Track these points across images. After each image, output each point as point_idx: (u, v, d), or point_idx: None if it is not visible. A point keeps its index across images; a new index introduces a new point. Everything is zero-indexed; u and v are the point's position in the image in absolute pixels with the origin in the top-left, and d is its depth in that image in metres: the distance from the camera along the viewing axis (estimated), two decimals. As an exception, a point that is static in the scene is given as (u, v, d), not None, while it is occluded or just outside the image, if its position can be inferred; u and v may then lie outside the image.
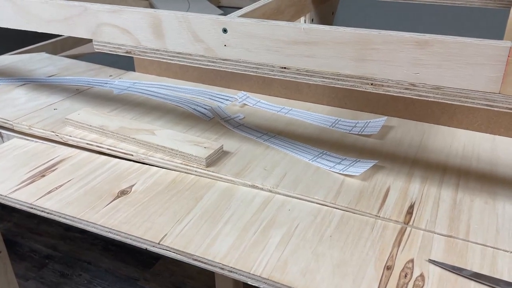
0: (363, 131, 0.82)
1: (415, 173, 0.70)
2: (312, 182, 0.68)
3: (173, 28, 0.66)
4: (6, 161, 0.78)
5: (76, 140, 0.81)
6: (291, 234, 0.59)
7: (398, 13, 1.67)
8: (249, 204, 0.65)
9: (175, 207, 0.65)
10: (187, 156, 0.73)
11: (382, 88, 0.55)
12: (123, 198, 0.67)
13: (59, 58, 1.24)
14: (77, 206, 0.66)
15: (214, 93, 1.00)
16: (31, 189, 0.70)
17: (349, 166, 0.71)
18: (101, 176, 0.73)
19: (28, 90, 1.02)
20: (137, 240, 0.60)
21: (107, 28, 0.71)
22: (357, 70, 0.56)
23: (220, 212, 0.63)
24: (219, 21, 0.62)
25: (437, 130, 0.83)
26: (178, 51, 0.67)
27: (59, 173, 0.74)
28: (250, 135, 0.82)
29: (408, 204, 0.63)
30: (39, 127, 0.85)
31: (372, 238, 0.58)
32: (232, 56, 0.63)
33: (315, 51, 0.57)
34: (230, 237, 0.59)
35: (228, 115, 0.90)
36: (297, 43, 0.58)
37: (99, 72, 1.14)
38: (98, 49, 0.74)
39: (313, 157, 0.75)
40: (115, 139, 0.80)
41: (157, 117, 0.90)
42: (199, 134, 0.83)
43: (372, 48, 0.54)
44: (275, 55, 0.60)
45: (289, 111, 0.92)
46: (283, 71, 0.61)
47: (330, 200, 0.64)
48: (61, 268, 1.58)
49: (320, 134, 0.83)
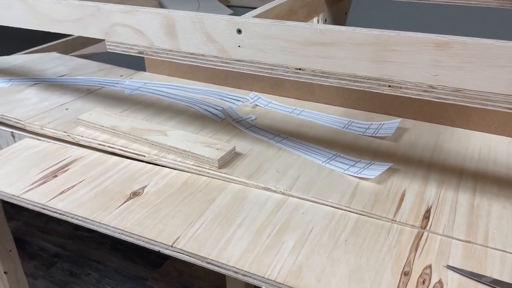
0: (377, 133, 0.81)
1: (431, 177, 0.69)
2: (326, 185, 0.68)
3: (186, 28, 0.65)
4: (18, 161, 0.78)
5: (88, 140, 0.81)
6: (305, 238, 0.58)
7: (409, 13, 1.65)
8: (262, 207, 0.64)
9: (187, 210, 0.64)
10: (199, 158, 0.72)
11: (400, 90, 0.54)
12: (135, 199, 0.67)
13: (70, 58, 1.24)
14: (89, 207, 0.65)
15: (225, 93, 1.00)
16: (43, 189, 0.70)
17: (364, 169, 0.70)
18: (113, 177, 0.72)
19: (39, 90, 1.02)
20: (150, 243, 0.59)
21: (120, 28, 0.71)
22: (375, 71, 0.55)
23: (233, 215, 0.63)
24: (234, 21, 0.61)
25: (452, 133, 0.82)
26: (191, 51, 0.66)
27: (71, 173, 0.74)
28: (262, 137, 0.81)
29: (425, 208, 0.62)
30: (51, 127, 0.84)
31: (388, 242, 0.57)
32: (246, 57, 0.63)
33: (331, 52, 0.56)
34: (244, 240, 0.58)
35: (240, 116, 0.89)
36: (313, 44, 0.57)
37: (109, 72, 1.13)
38: (111, 49, 0.74)
39: (326, 159, 0.74)
40: (127, 140, 0.79)
41: (169, 117, 0.89)
42: (211, 135, 0.82)
43: (390, 49, 0.53)
44: (290, 56, 0.59)
45: (301, 112, 0.91)
46: (298, 72, 0.60)
47: (344, 203, 0.63)
48: (70, 267, 1.58)
49: (333, 136, 0.82)
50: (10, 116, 0.89)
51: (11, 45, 1.40)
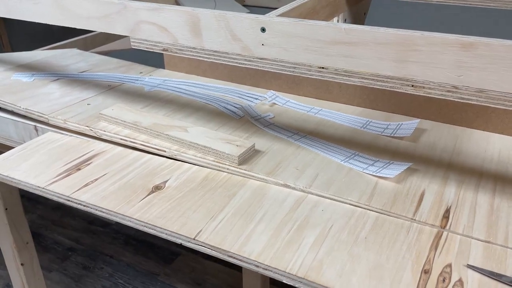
0: (396, 133, 0.81)
1: (450, 177, 0.69)
2: (345, 183, 0.68)
3: (211, 26, 0.66)
4: (41, 154, 0.79)
5: (110, 135, 0.82)
6: (325, 235, 0.59)
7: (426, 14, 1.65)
8: (282, 204, 0.65)
9: (208, 204, 0.65)
10: (219, 154, 0.73)
11: (423, 90, 0.55)
12: (157, 193, 0.68)
13: (90, 54, 1.26)
14: (113, 200, 0.67)
15: (243, 91, 1.01)
16: (67, 182, 0.71)
17: (383, 168, 0.70)
18: (135, 171, 0.74)
19: (61, 85, 1.04)
20: (172, 235, 0.60)
21: (146, 25, 0.72)
22: (398, 71, 0.55)
23: (253, 211, 0.64)
24: (258, 20, 0.62)
25: (471, 134, 0.82)
26: (215, 49, 0.68)
27: (94, 167, 0.75)
28: (280, 135, 0.82)
29: (444, 208, 0.63)
30: (73, 121, 0.86)
31: (408, 241, 0.57)
32: (270, 55, 0.63)
33: (355, 52, 0.57)
34: (264, 235, 0.59)
35: (258, 114, 0.90)
36: (336, 43, 0.58)
37: (129, 69, 1.15)
38: (135, 46, 0.75)
39: (345, 158, 0.74)
40: (148, 135, 0.80)
41: (188, 114, 0.91)
42: (230, 132, 0.84)
43: (414, 49, 0.53)
44: (313, 54, 0.60)
45: (319, 111, 0.92)
46: (321, 71, 0.61)
47: (364, 201, 0.64)
48: (83, 261, 1.60)
49: (351, 135, 0.83)
50: (33, 110, 0.90)
51: (30, 42, 1.43)
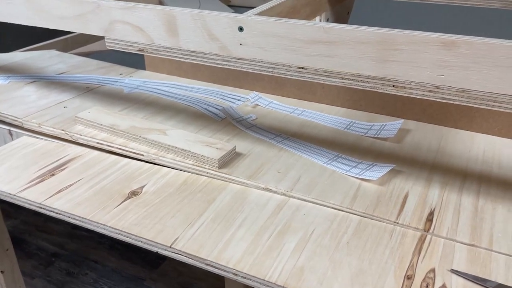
0: (379, 134, 0.80)
1: (434, 179, 0.68)
2: (328, 186, 0.66)
3: (187, 26, 0.64)
4: (15, 159, 0.77)
5: (86, 139, 0.80)
6: (306, 239, 0.57)
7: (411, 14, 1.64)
8: (263, 208, 0.63)
9: (187, 210, 0.63)
10: (199, 157, 0.71)
11: (404, 90, 0.53)
12: (134, 199, 0.66)
13: (70, 56, 1.23)
14: (87, 206, 0.64)
15: (226, 93, 0.99)
16: (40, 188, 0.69)
17: (366, 170, 0.69)
18: (112, 176, 0.71)
19: (38, 87, 1.01)
20: (148, 243, 0.58)
21: (120, 25, 0.70)
22: (379, 71, 0.54)
23: (233, 216, 0.62)
24: (236, 19, 0.60)
25: (455, 134, 0.81)
26: (192, 49, 0.65)
27: (69, 172, 0.73)
28: (263, 137, 0.80)
29: (428, 210, 0.61)
30: (49, 125, 0.83)
31: (391, 245, 0.56)
32: (248, 55, 0.62)
33: (334, 51, 0.55)
34: (244, 241, 0.57)
35: (240, 116, 0.88)
36: (316, 43, 0.56)
37: (109, 70, 1.12)
38: (110, 46, 0.73)
39: (328, 160, 0.73)
40: (126, 139, 0.78)
41: (169, 116, 0.88)
42: (211, 134, 0.81)
43: (395, 48, 0.52)
44: (292, 54, 0.58)
45: (302, 112, 0.90)
46: (300, 71, 0.59)
47: (346, 205, 0.62)
48: (67, 267, 1.57)
49: (335, 137, 0.81)
50: (7, 114, 0.87)
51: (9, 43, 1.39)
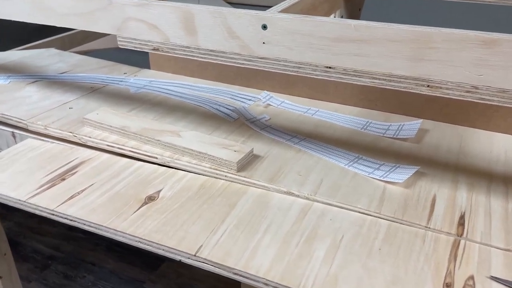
0: (398, 135, 0.78)
1: (460, 180, 0.66)
2: (352, 189, 0.64)
3: (206, 23, 0.61)
4: (22, 163, 0.73)
5: (96, 141, 0.76)
6: (336, 246, 0.55)
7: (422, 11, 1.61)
8: (287, 213, 0.61)
9: (208, 215, 0.61)
10: (216, 160, 0.69)
11: (440, 90, 0.52)
12: (151, 204, 0.63)
13: (70, 54, 1.19)
14: (102, 212, 0.61)
15: (235, 92, 0.96)
16: (51, 194, 0.66)
17: (389, 172, 0.67)
18: (125, 180, 0.68)
19: (40, 87, 0.98)
20: (171, 251, 0.55)
21: (134, 23, 0.67)
22: (413, 70, 0.52)
23: (256, 221, 0.59)
24: (259, 16, 0.58)
25: (473, 134, 0.79)
26: (211, 48, 0.63)
27: (80, 176, 0.70)
28: (278, 138, 0.78)
29: (458, 214, 0.60)
30: (55, 127, 0.80)
31: (425, 251, 0.54)
32: (271, 54, 0.59)
33: (365, 50, 0.53)
34: (271, 249, 0.55)
35: (254, 116, 0.86)
36: (345, 41, 0.54)
37: (112, 70, 1.09)
38: (123, 45, 0.70)
39: (348, 162, 0.71)
40: (138, 141, 0.75)
41: (179, 117, 0.85)
42: (225, 136, 0.79)
43: (430, 47, 0.50)
44: (319, 53, 0.56)
45: (316, 112, 0.88)
46: (327, 71, 0.57)
47: (374, 209, 0.60)
48: (64, 270, 1.53)
49: (352, 137, 0.79)
50: (11, 115, 0.84)
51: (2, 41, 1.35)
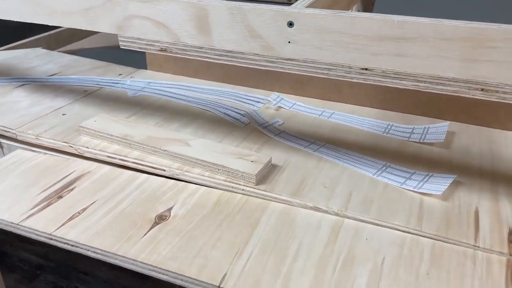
0: (425, 139, 0.72)
1: (500, 190, 0.61)
2: (385, 202, 0.58)
3: (223, 21, 0.54)
4: (12, 178, 0.66)
5: (95, 152, 0.69)
6: (379, 272, 0.49)
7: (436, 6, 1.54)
8: (317, 232, 0.55)
9: (228, 237, 0.54)
10: (232, 172, 0.62)
11: (496, 94, 0.46)
12: (163, 225, 0.56)
13: (59, 54, 1.11)
14: (109, 236, 0.54)
15: (242, 94, 0.89)
16: (47, 214, 0.58)
17: (423, 182, 0.61)
18: (131, 197, 0.61)
19: (29, 91, 0.89)
20: (191, 282, 0.49)
21: (138, 21, 0.59)
22: (465, 72, 0.46)
23: (285, 243, 0.53)
24: (284, 12, 0.51)
25: (505, 137, 0.74)
26: (228, 49, 0.56)
27: (79, 193, 0.62)
28: (296, 144, 0.72)
29: (506, 230, 0.54)
30: (48, 136, 0.72)
31: (478, 275, 0.48)
32: (298, 55, 0.52)
33: (409, 49, 0.47)
34: (306, 276, 0.48)
35: (266, 121, 0.79)
36: (385, 39, 0.48)
37: (106, 71, 1.01)
38: (125, 46, 0.63)
39: (376, 171, 0.64)
40: (142, 151, 0.68)
41: (184, 123, 0.78)
42: (237, 143, 0.72)
43: (487, 46, 0.44)
44: (355, 53, 0.50)
45: (332, 114, 0.82)
46: (363, 73, 0.51)
47: (413, 226, 0.54)
48: (54, 280, 1.44)
49: (375, 142, 0.73)
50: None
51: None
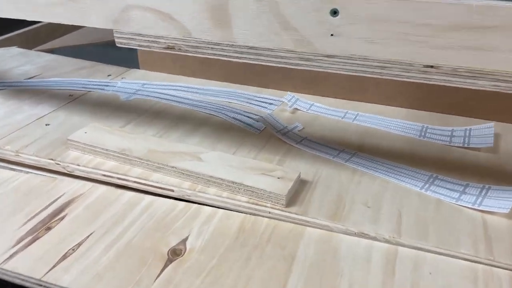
0: (470, 143, 0.63)
1: None
2: (443, 224, 0.49)
3: (247, 10, 0.44)
4: (-11, 206, 0.54)
5: (88, 170, 0.58)
6: (456, 317, 0.39)
7: None
8: (367, 265, 0.45)
9: (261, 275, 0.44)
10: (256, 192, 0.52)
11: None
12: (178, 262, 0.46)
13: (37, 54, 0.99)
14: (113, 279, 0.44)
15: (251, 95, 0.79)
16: (34, 251, 0.47)
17: (482, 197, 0.52)
18: (136, 225, 0.51)
19: (5, 98, 0.78)
20: None
21: (138, 12, 0.49)
22: None
23: (332, 280, 0.43)
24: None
25: (555, 138, 0.66)
26: (252, 45, 0.46)
27: (72, 222, 0.51)
28: (323, 154, 0.62)
29: None
30: (30, 152, 0.61)
31: None
32: (343, 50, 0.43)
33: (489, 41, 0.38)
34: (367, 327, 0.39)
35: (284, 126, 0.69)
36: (459, 29, 0.38)
37: (93, 71, 0.90)
38: (122, 43, 0.52)
39: (423, 184, 0.55)
40: (145, 168, 0.57)
41: (188, 131, 0.68)
42: (254, 154, 0.62)
43: None
44: (417, 47, 0.40)
45: (356, 116, 0.72)
46: (427, 71, 0.41)
47: (484, 254, 0.45)
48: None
49: (412, 148, 0.64)
50: (-31, 139, 0.64)
51: None
